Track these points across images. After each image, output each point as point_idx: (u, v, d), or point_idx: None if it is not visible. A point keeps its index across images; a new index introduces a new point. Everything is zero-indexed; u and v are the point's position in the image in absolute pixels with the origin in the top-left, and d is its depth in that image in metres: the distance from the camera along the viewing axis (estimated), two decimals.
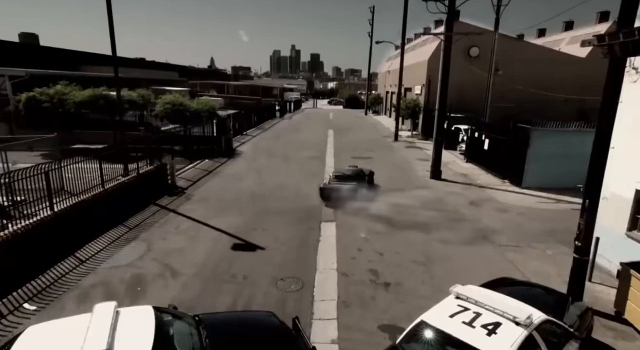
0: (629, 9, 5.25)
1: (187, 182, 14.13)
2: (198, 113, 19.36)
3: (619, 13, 5.32)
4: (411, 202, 12.35)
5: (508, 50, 26.96)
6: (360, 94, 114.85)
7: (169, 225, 9.85)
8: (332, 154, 21.39)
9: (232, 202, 12.21)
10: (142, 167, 12.15)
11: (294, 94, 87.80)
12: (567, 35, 31.54)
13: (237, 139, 25.04)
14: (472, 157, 18.83)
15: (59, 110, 18.92)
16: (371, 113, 52.82)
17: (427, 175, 16.15)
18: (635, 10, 5.52)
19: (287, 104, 51.12)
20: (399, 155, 21.30)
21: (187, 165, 16.45)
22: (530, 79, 27.69)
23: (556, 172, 13.51)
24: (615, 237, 7.58)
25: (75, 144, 21.05)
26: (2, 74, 20.46)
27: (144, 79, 33.64)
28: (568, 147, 13.25)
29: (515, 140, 14.50)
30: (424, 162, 18.83)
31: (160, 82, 36.04)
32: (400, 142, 26.75)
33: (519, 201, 12.58)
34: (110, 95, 18.24)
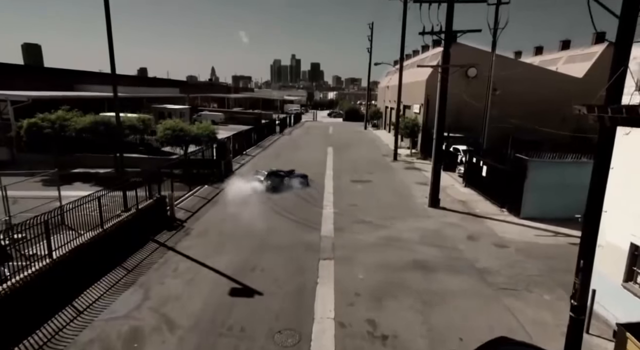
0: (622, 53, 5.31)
1: (187, 213, 14.17)
2: (198, 137, 19.50)
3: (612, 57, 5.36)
4: (409, 235, 12.39)
5: (505, 70, 27.25)
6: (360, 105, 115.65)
7: (167, 266, 9.86)
8: (332, 176, 21.46)
9: (231, 235, 12.25)
10: (142, 201, 12.18)
11: (294, 106, 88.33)
12: (564, 54, 31.87)
13: (236, 160, 25.18)
14: (471, 181, 18.89)
15: (60, 135, 19.08)
16: (370, 127, 53.09)
17: (425, 202, 16.19)
18: (628, 55, 5.65)
19: (287, 118, 51.35)
20: (398, 179, 21.36)
21: (187, 193, 16.51)
22: (528, 98, 27.93)
23: (554, 203, 13.56)
24: (612, 286, 7.59)
25: (75, 167, 21.20)
26: (5, 99, 20.68)
27: (145, 97, 33.96)
28: (565, 178, 13.33)
29: (513, 170, 14.58)
30: (423, 187, 18.89)
31: (161, 100, 36.39)
32: (399, 161, 26.86)
33: (517, 235, 12.59)
34: (111, 121, 18.41)
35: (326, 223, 13.58)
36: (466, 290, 8.93)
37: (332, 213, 14.80)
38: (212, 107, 69.11)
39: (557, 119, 28.90)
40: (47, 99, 21.91)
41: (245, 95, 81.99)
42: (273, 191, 17.40)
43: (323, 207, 15.64)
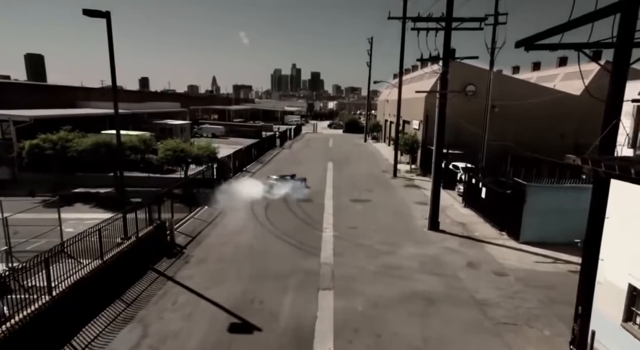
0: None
1: (187, 238, 14.19)
2: (199, 157, 19.61)
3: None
4: (409, 263, 12.39)
5: (504, 87, 27.48)
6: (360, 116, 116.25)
7: (166, 299, 9.85)
8: (331, 195, 21.51)
9: (230, 262, 12.26)
10: (142, 228, 12.20)
11: (295, 117, 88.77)
12: (561, 71, 32.18)
13: (237, 177, 25.23)
14: (470, 202, 18.93)
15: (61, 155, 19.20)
16: (370, 139, 53.30)
17: (425, 224, 16.20)
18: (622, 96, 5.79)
19: (288, 131, 51.57)
20: (397, 197, 21.40)
21: (187, 215, 16.55)
22: (527, 115, 28.11)
23: (554, 227, 13.59)
24: (611, 325, 7.57)
25: (76, 187, 21.29)
26: (7, 119, 20.86)
27: (146, 113, 34.22)
28: (564, 202, 13.37)
29: (512, 194, 14.63)
30: (422, 207, 18.92)
31: (162, 115, 36.63)
32: (399, 178, 26.94)
33: (517, 261, 12.58)
34: (112, 142, 18.54)
35: (326, 248, 13.59)
36: (467, 325, 8.90)
37: (332, 236, 14.81)
38: (212, 119, 69.59)
39: (556, 135, 29.13)
40: (49, 118, 22.10)
41: (245, 107, 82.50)
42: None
43: (323, 230, 15.66)
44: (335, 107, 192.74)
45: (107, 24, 11.07)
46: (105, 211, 17.57)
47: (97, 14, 10.70)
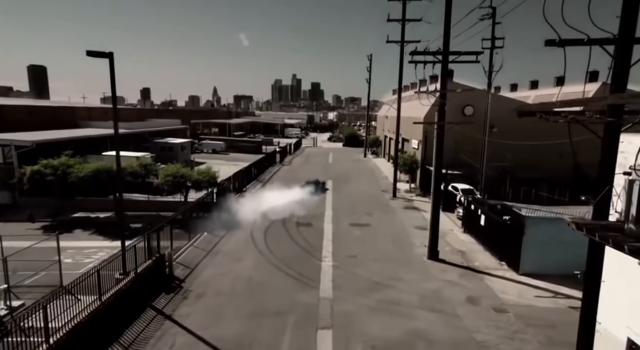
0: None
1: (185, 270, 14.16)
2: (198, 182, 19.68)
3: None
4: (409, 298, 12.34)
5: (502, 107, 27.66)
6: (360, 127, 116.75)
7: (163, 342, 9.79)
8: (331, 218, 21.54)
9: (229, 296, 12.24)
10: (141, 263, 12.19)
11: (295, 129, 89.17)
12: (559, 91, 32.42)
13: (237, 198, 25.21)
14: (470, 227, 18.93)
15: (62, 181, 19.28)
16: (370, 154, 53.50)
17: (424, 253, 16.17)
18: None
19: (288, 146, 51.76)
20: (397, 221, 21.40)
21: (186, 244, 16.54)
22: (526, 135, 28.25)
23: (553, 259, 13.56)
24: None
25: (76, 211, 21.32)
26: (9, 144, 21.02)
27: (147, 132, 34.43)
28: (563, 234, 13.32)
29: (511, 224, 14.65)
30: (422, 232, 18.90)
31: (162, 134, 36.85)
32: (398, 199, 26.97)
33: (517, 295, 12.54)
34: (113, 169, 18.63)
35: (325, 280, 13.55)
36: None
37: (331, 266, 14.79)
38: (213, 133, 69.95)
39: (555, 155, 29.22)
40: (50, 142, 22.26)
41: (246, 120, 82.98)
42: (313, 192, 27.18)
43: (322, 258, 15.64)
44: (335, 118, 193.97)
45: (109, 63, 11.24)
46: (105, 238, 17.61)
47: (100, 55, 10.88)
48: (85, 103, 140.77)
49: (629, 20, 5.86)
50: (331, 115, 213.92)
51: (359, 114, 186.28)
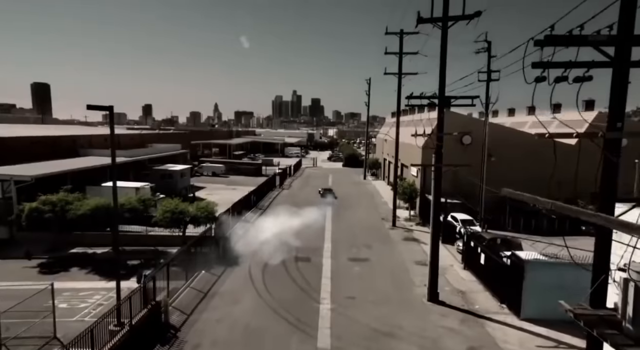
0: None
1: (181, 316, 13.94)
2: (197, 218, 19.64)
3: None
4: (408, 348, 12.12)
5: (500, 137, 27.90)
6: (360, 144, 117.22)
7: None
8: (330, 251, 21.41)
9: (225, 346, 12.03)
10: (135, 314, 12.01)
11: (295, 149, 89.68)
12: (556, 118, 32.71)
13: (235, 229, 25.07)
14: (470, 264, 18.78)
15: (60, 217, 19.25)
16: (370, 175, 53.59)
17: (424, 293, 15.96)
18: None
19: (287, 169, 51.89)
20: (396, 255, 21.23)
21: (183, 284, 16.35)
22: (524, 163, 28.38)
23: (554, 304, 13.32)
24: None
25: (74, 246, 21.19)
26: (8, 179, 21.09)
27: (147, 159, 34.59)
28: (564, 279, 13.25)
29: (511, 267, 14.53)
30: (422, 269, 18.73)
31: (163, 160, 37.01)
32: (398, 228, 26.86)
33: (519, 345, 12.31)
34: (111, 206, 18.60)
35: (323, 327, 13.33)
36: None
37: (329, 310, 14.58)
38: (214, 153, 70.28)
39: (554, 183, 29.30)
40: (49, 176, 22.34)
41: (246, 140, 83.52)
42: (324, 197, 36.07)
43: (320, 300, 15.43)
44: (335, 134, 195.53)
45: (109, 113, 11.40)
46: (101, 278, 17.42)
47: (100, 108, 11.04)
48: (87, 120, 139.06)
49: (627, 21, 5.70)
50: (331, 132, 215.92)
51: (358, 131, 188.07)
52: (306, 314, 14.16)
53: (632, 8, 5.45)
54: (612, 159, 5.99)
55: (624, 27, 5.49)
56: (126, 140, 38.98)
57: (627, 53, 5.60)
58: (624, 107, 6.03)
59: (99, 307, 14.48)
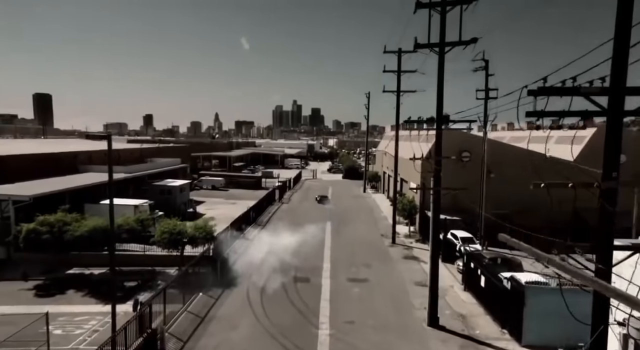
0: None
1: (177, 344, 13.74)
2: (195, 239, 19.55)
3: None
4: None
5: (499, 153, 27.90)
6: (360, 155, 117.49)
7: None
8: (329, 271, 21.24)
9: None
10: (131, 345, 11.85)
11: (295, 160, 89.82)
12: (555, 134, 32.82)
13: (234, 247, 24.90)
14: (470, 286, 18.59)
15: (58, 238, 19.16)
16: (369, 188, 53.53)
17: (424, 318, 15.74)
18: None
19: (287, 182, 51.86)
20: (396, 275, 21.05)
21: (180, 308, 16.17)
22: (524, 180, 28.30)
23: (556, 330, 13.17)
24: None
25: (71, 266, 21.04)
26: (7, 199, 21.06)
27: (146, 175, 34.62)
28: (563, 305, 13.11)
29: (512, 291, 14.38)
30: (422, 290, 18.53)
31: (162, 175, 37.04)
32: (397, 245, 26.69)
33: None
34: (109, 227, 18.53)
35: None
36: None
37: (327, 335, 14.39)
38: (214, 165, 70.38)
39: (554, 201, 29.21)
40: (48, 195, 22.33)
41: (246, 152, 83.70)
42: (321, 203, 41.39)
43: (319, 325, 15.24)
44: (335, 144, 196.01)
45: (107, 141, 11.43)
46: (98, 301, 17.23)
47: (98, 138, 11.08)
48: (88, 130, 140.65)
49: (620, 73, 5.76)
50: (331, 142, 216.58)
51: (358, 141, 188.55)
52: (305, 340, 13.98)
53: (624, 61, 5.49)
54: (608, 208, 5.96)
55: (616, 79, 5.53)
56: (126, 155, 39.05)
57: (620, 103, 5.62)
58: (619, 156, 6.03)
59: (95, 333, 14.30)
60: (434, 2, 13.91)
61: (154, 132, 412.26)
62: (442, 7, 13.74)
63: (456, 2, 13.65)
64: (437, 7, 13.81)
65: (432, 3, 13.92)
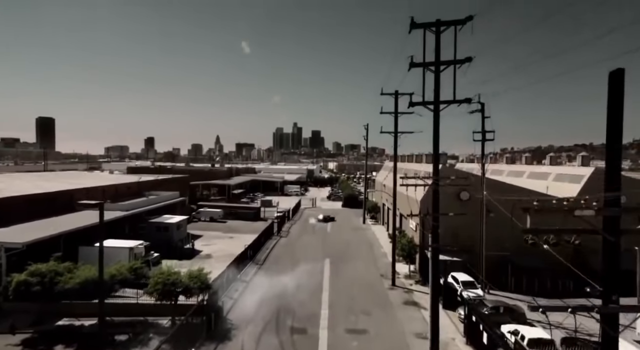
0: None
1: None
2: (189, 289, 19.07)
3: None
4: None
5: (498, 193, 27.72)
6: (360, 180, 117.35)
7: None
8: (327, 321, 20.58)
9: None
10: None
11: (294, 187, 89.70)
12: (553, 170, 32.90)
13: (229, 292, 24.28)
14: (473, 339, 17.95)
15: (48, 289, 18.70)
16: (369, 218, 53.09)
17: None
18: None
19: (286, 213, 51.45)
20: (396, 325, 20.40)
21: None
22: None
23: None
24: None
25: (61, 316, 20.42)
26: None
27: (143, 212, 34.36)
28: None
29: None
30: (423, 344, 17.91)
31: (160, 211, 36.78)
32: (397, 289, 26.09)
33: None
34: None
35: None
36: None
37: None
38: (213, 194, 70.19)
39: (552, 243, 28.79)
40: (41, 241, 22.01)
41: (246, 179, 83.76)
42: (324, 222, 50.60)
43: None
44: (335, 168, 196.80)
45: (99, 211, 11.29)
46: None
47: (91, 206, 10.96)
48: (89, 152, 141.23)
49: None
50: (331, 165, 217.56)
51: (358, 165, 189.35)
52: None
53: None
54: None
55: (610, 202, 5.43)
56: (123, 190, 38.95)
57: (616, 225, 5.50)
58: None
59: None
60: (428, 22, 13.79)
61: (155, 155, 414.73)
62: (437, 27, 13.58)
63: (450, 22, 13.61)
64: (432, 27, 13.72)
65: (426, 24, 13.79)
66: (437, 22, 13.91)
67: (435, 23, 13.88)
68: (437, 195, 14.11)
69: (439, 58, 13.94)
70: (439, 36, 13.91)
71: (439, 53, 13.98)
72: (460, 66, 13.83)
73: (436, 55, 13.96)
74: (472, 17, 13.21)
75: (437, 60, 13.88)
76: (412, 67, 14.03)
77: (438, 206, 14.17)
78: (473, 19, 13.22)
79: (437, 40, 13.87)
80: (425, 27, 13.99)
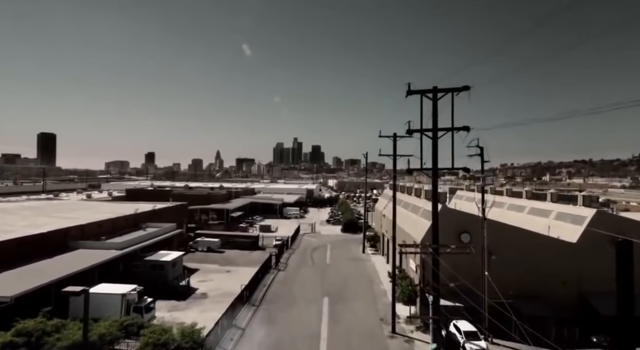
0: None
1: None
2: (181, 347, 18.38)
3: None
4: None
5: (499, 235, 27.14)
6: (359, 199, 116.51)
7: None
8: None
9: None
10: None
11: (293, 209, 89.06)
12: (555, 208, 32.44)
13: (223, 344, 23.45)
14: None
15: None
16: (369, 247, 52.32)
17: None
18: None
19: (284, 243, 50.70)
20: None
21: None
22: (526, 262, 27.37)
23: None
24: None
25: None
26: None
27: (138, 249, 33.75)
28: None
29: None
30: None
31: (156, 246, 36.18)
32: (397, 337, 25.22)
33: None
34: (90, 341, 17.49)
35: None
36: None
37: None
38: (211, 218, 69.58)
39: (558, 282, 28.04)
40: (30, 292, 21.42)
41: (245, 202, 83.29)
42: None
43: None
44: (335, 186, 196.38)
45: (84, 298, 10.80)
46: None
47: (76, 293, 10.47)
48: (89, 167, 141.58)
49: None
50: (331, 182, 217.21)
51: (358, 182, 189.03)
52: None
53: None
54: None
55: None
56: (120, 223, 38.47)
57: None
58: None
59: None
60: (425, 90, 13.64)
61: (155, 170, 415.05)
62: (434, 94, 13.40)
63: (447, 90, 13.56)
64: (428, 94, 13.54)
65: (423, 90, 13.64)
66: (434, 89, 13.77)
67: (432, 90, 13.74)
68: (437, 264, 13.63)
69: (436, 125, 13.74)
70: (436, 103, 13.77)
71: (436, 120, 13.79)
72: (458, 131, 13.62)
73: (434, 123, 13.77)
74: (469, 87, 13.07)
75: (435, 127, 13.66)
76: (409, 133, 13.80)
77: (438, 276, 13.68)
78: (469, 89, 13.08)
79: (435, 106, 13.72)
80: (422, 94, 13.84)
